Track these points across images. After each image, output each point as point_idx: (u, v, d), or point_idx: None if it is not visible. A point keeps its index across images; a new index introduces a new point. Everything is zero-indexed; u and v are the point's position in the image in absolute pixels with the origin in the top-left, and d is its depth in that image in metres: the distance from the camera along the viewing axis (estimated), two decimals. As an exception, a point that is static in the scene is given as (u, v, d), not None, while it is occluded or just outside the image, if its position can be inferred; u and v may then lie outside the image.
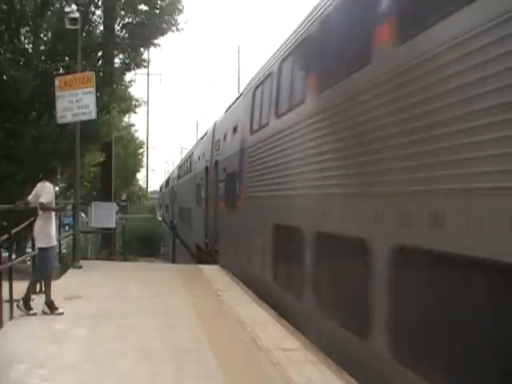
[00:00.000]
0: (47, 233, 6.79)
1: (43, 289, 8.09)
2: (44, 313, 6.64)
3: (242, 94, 11.47)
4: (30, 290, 6.72)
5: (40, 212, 6.76)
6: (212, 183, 13.78)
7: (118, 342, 5.49)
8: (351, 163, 4.94)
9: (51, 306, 6.71)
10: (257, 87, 9.28)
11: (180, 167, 29.56)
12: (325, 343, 5.33)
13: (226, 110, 13.57)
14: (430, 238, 3.63)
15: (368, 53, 4.66)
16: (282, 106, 7.44)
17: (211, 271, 11.10)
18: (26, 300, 6.59)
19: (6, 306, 6.21)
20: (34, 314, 6.54)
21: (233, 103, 12.70)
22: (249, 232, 9.14)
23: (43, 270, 6.89)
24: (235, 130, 10.91)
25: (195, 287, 9.06)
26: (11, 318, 6.33)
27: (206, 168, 15.13)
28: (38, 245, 6.82)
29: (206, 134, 17.80)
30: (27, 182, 10.62)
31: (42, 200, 6.68)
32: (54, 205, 7.05)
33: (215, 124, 14.88)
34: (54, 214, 7.16)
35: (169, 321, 6.47)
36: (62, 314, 6.64)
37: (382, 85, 4.37)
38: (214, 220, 13.10)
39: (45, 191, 6.78)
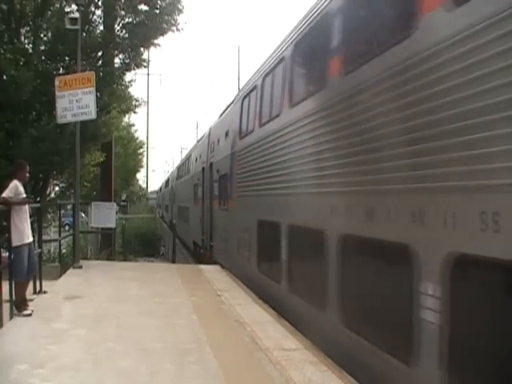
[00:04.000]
0: (18, 230, 6.60)
1: (43, 289, 8.12)
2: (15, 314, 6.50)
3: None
4: (18, 293, 6.54)
5: (12, 211, 6.57)
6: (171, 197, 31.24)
7: (117, 342, 5.49)
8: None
9: (18, 307, 6.53)
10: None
11: (167, 182, 44.53)
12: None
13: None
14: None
15: None
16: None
17: (211, 271, 11.10)
18: (17, 303, 6.50)
19: (6, 306, 6.22)
20: (29, 315, 6.49)
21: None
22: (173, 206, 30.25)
23: (20, 270, 6.61)
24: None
25: (195, 287, 9.05)
26: (11, 317, 6.33)
27: (172, 187, 31.79)
28: (12, 244, 6.54)
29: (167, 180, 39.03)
30: (27, 181, 10.60)
31: (4, 195, 6.55)
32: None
33: (170, 175, 35.46)
34: (24, 210, 6.85)
35: (169, 321, 6.47)
36: (29, 315, 6.48)
37: None
38: (172, 209, 30.45)
39: (8, 187, 6.65)
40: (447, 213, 3.39)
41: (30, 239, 7.04)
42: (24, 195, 6.97)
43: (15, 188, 6.71)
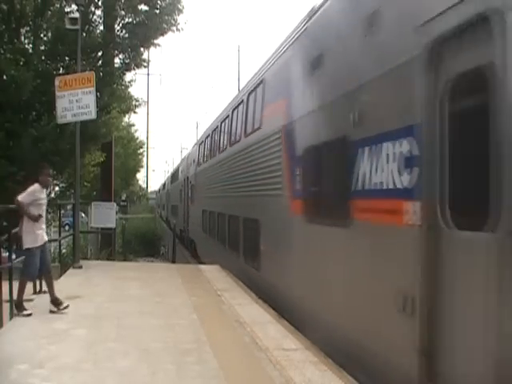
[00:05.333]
0: (31, 232, 6.62)
1: (43, 289, 8.12)
2: (51, 312, 6.64)
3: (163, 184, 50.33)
4: (21, 293, 6.57)
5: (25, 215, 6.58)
6: (167, 197, 40.08)
7: (118, 342, 5.49)
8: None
9: (55, 303, 6.71)
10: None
11: (164, 185, 50.39)
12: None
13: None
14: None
15: None
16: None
17: (211, 271, 11.10)
18: (18, 302, 6.51)
19: (6, 306, 6.22)
20: (29, 315, 6.49)
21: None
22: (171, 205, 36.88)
23: (27, 271, 6.66)
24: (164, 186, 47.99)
25: (195, 287, 9.06)
26: (11, 317, 6.34)
27: (167, 190, 39.89)
28: (24, 245, 6.59)
29: (163, 184, 49.98)
30: (27, 181, 10.62)
31: (20, 198, 6.56)
32: (37, 204, 6.76)
33: (167, 179, 47.14)
34: (40, 213, 6.85)
35: (169, 321, 6.47)
36: (67, 307, 6.70)
37: None
38: (167, 207, 39.34)
39: (27, 190, 6.65)
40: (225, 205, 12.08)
41: (45, 239, 6.99)
42: (44, 201, 6.91)
43: (33, 192, 6.68)
